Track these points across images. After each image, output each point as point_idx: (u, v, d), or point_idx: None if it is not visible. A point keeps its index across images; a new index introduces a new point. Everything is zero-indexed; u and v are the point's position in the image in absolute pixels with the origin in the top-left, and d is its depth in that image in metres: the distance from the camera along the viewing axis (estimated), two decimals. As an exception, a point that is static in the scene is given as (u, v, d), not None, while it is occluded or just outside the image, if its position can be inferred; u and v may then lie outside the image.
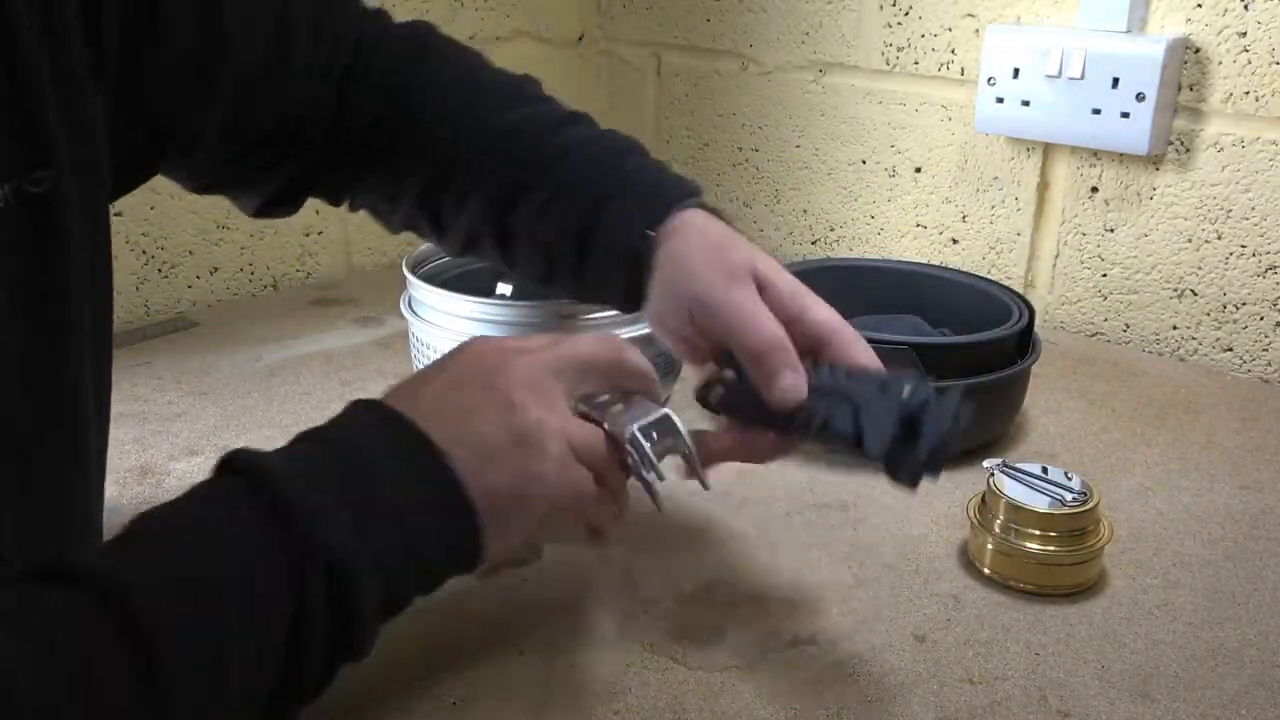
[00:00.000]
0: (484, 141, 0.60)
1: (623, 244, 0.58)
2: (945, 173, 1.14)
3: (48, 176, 0.43)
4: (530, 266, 0.62)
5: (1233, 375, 0.99)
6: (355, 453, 0.43)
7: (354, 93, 0.60)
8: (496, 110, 0.61)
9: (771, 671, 0.58)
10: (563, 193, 0.59)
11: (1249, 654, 0.60)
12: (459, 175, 0.60)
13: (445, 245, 0.65)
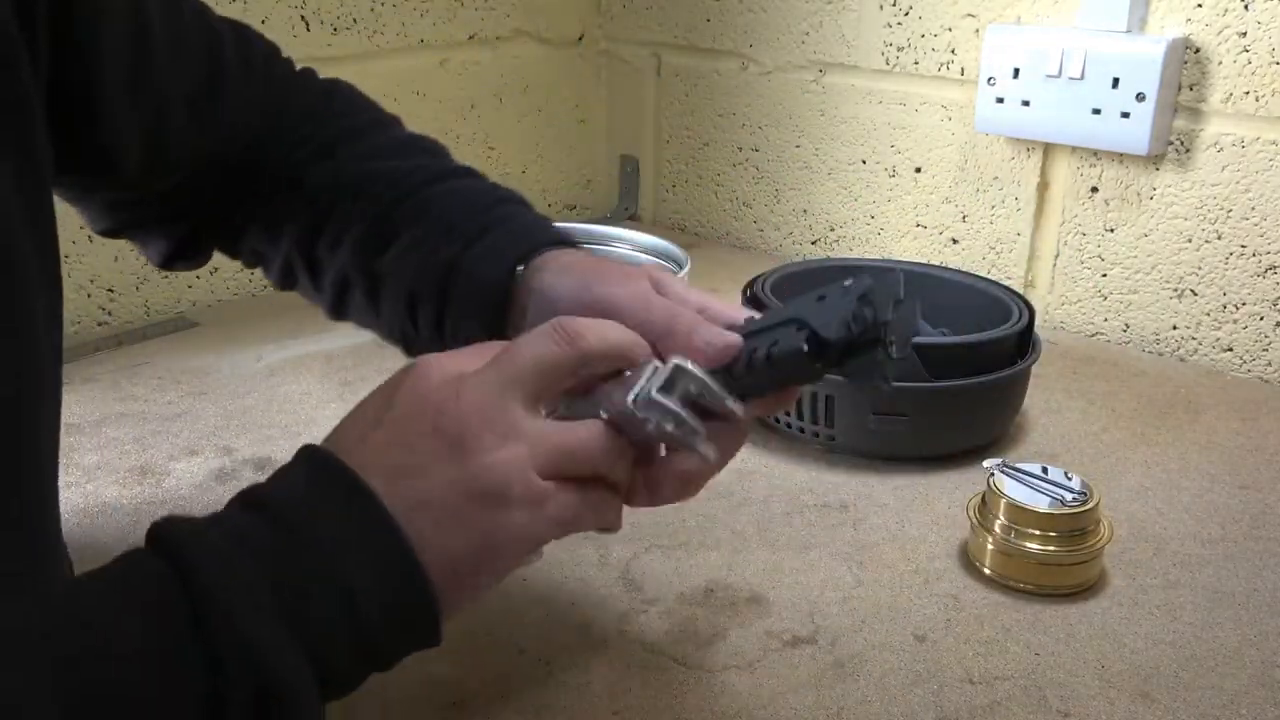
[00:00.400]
0: (361, 186, 0.59)
1: (486, 282, 0.55)
2: (945, 173, 1.14)
3: None
4: (394, 315, 0.58)
5: (1233, 375, 0.99)
6: (296, 528, 0.38)
7: (266, 144, 0.60)
8: (378, 157, 0.60)
9: (771, 671, 0.58)
10: (429, 236, 0.57)
11: (1249, 654, 0.60)
12: (335, 220, 0.58)
13: (321, 298, 0.62)
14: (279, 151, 0.60)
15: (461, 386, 0.41)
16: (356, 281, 0.59)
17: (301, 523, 0.38)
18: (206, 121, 0.57)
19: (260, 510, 0.39)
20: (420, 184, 0.58)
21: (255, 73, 0.60)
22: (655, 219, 1.44)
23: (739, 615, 0.63)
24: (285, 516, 0.38)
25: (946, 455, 0.80)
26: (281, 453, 0.81)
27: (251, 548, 0.37)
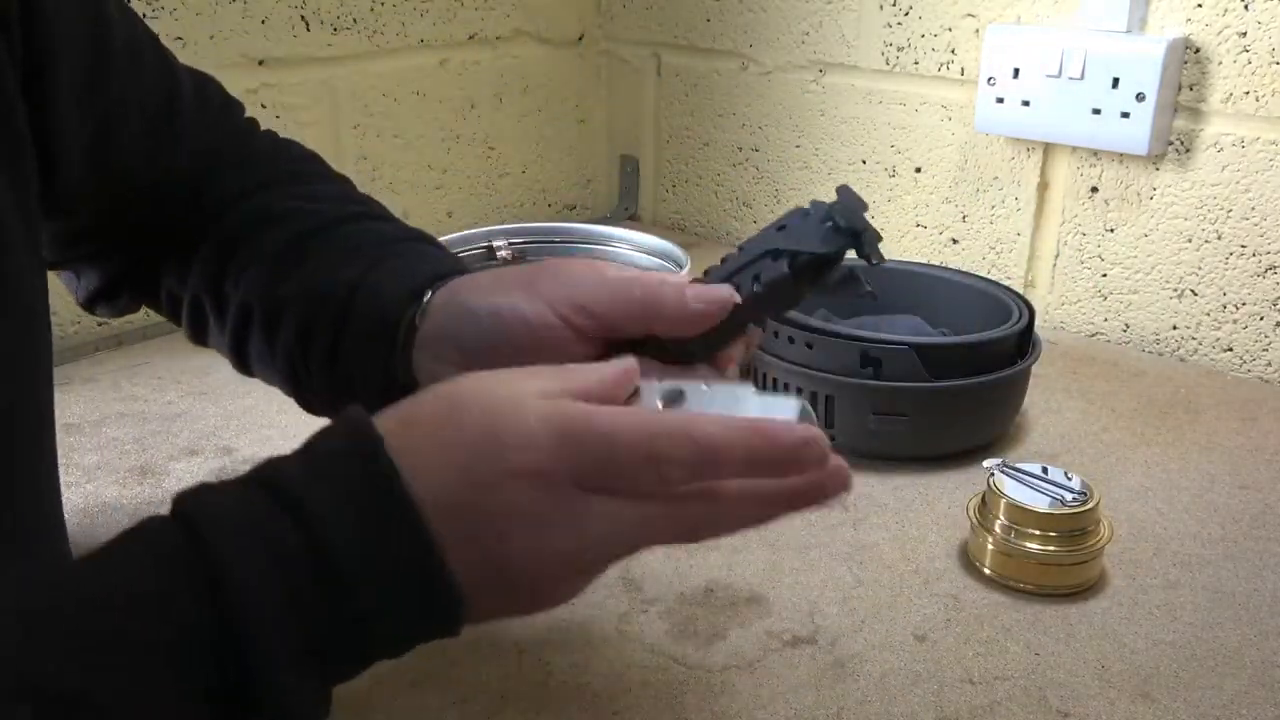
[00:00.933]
0: (274, 220, 0.57)
1: (387, 302, 0.51)
2: (945, 173, 1.14)
3: None
4: (285, 350, 0.55)
5: (1233, 375, 0.99)
6: (348, 583, 0.36)
7: (203, 183, 0.59)
8: (298, 198, 0.58)
9: (771, 671, 0.58)
10: (333, 262, 0.54)
11: (1249, 654, 0.60)
12: (244, 253, 0.57)
13: (223, 335, 0.59)
14: (209, 193, 0.59)
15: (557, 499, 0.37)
16: (256, 312, 0.55)
17: (356, 581, 0.36)
18: (156, 148, 0.56)
19: (313, 545, 0.36)
20: (333, 221, 0.56)
21: (210, 112, 0.60)
22: (655, 219, 1.44)
23: (739, 615, 0.63)
24: (338, 565, 0.36)
25: (946, 455, 0.80)
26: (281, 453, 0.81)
27: (296, 596, 0.35)
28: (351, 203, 0.60)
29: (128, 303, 0.63)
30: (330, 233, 0.56)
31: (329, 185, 0.61)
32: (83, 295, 0.62)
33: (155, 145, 0.56)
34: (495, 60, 1.30)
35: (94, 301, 0.62)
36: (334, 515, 0.37)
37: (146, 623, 0.34)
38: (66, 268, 0.62)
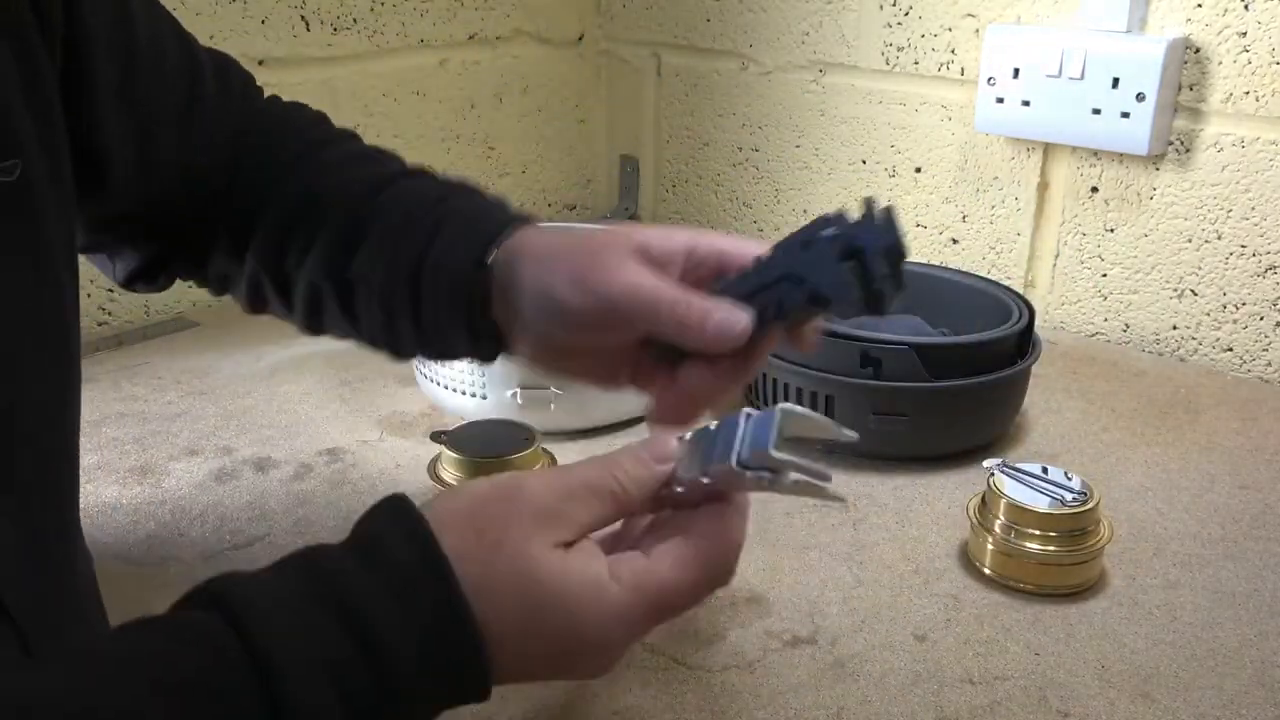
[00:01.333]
0: (320, 199, 0.58)
1: (456, 275, 0.53)
2: (945, 173, 1.14)
3: (15, 165, 0.43)
4: (372, 322, 0.57)
5: (1233, 375, 0.99)
6: (401, 688, 0.37)
7: (237, 164, 0.60)
8: (334, 170, 0.59)
9: (771, 671, 0.58)
10: (389, 237, 0.55)
11: (1249, 654, 0.60)
12: (299, 234, 0.58)
13: (293, 315, 0.61)
14: (245, 173, 0.60)
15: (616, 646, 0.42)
16: (328, 293, 0.57)
17: (411, 689, 0.38)
18: (186, 136, 0.57)
19: (373, 668, 0.37)
20: (374, 190, 0.57)
21: (232, 95, 0.60)
22: (655, 219, 1.44)
23: (739, 615, 0.63)
24: (393, 685, 0.37)
25: (946, 455, 0.80)
26: (281, 453, 0.81)
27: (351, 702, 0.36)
28: (379, 163, 0.61)
29: (167, 281, 0.64)
30: (375, 206, 0.57)
31: (349, 146, 0.62)
32: (121, 275, 0.63)
33: (184, 134, 0.57)
34: (495, 60, 1.30)
35: (133, 281, 0.63)
36: (399, 635, 0.38)
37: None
38: (100, 251, 0.62)
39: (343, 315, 0.58)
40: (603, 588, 0.40)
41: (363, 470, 0.79)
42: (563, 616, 0.40)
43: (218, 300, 1.13)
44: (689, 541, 0.43)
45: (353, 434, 0.84)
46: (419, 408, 0.89)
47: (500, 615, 0.39)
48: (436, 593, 0.38)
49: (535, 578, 0.39)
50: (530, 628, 0.39)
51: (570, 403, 0.82)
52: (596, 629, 0.40)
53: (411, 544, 0.39)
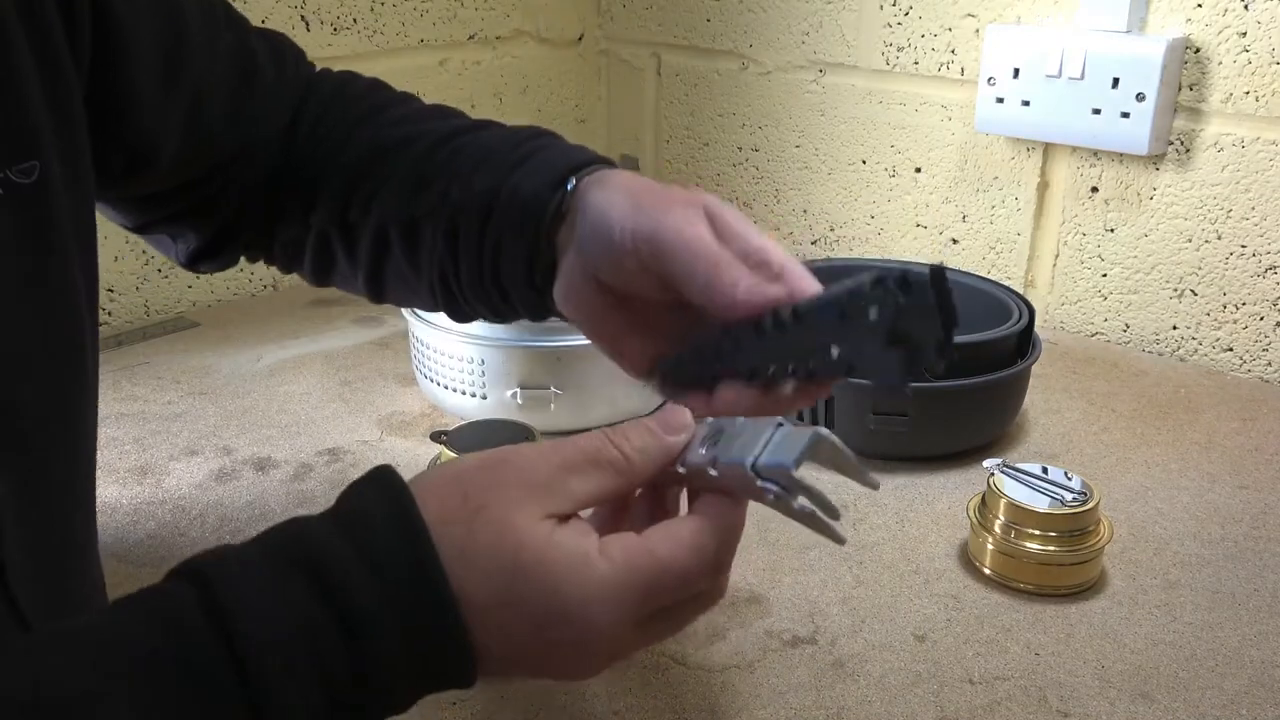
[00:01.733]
0: (392, 148, 0.57)
1: (531, 197, 0.51)
2: (945, 173, 1.14)
3: (34, 167, 0.43)
4: (432, 267, 0.56)
5: (1233, 375, 0.99)
6: (382, 681, 0.36)
7: (295, 132, 0.60)
8: (404, 122, 0.59)
9: (771, 671, 0.58)
10: (466, 172, 0.54)
11: (1249, 654, 0.60)
12: (369, 182, 0.57)
13: (358, 270, 0.60)
14: (308, 140, 0.60)
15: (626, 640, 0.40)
16: (394, 234, 0.56)
17: (387, 657, 0.36)
18: (241, 113, 0.57)
19: (345, 632, 0.36)
20: (452, 134, 0.57)
21: (286, 69, 0.60)
22: (655, 219, 1.44)
23: (739, 615, 0.63)
24: (366, 649, 0.36)
25: (946, 455, 0.80)
26: (281, 453, 0.81)
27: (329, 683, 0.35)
28: (453, 116, 0.60)
29: (230, 259, 0.64)
30: (452, 148, 0.56)
31: (413, 105, 0.62)
32: (184, 256, 0.62)
33: (238, 112, 0.57)
34: (495, 60, 1.30)
35: (197, 260, 0.62)
36: (380, 625, 0.36)
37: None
38: (158, 231, 0.62)
39: (406, 261, 0.57)
40: (589, 561, 0.38)
41: (363, 470, 0.78)
42: (545, 585, 0.37)
43: (218, 300, 1.13)
44: (687, 523, 0.40)
45: (353, 434, 0.84)
46: (419, 408, 0.89)
47: (479, 583, 0.37)
48: (410, 555, 0.36)
49: (517, 544, 0.37)
50: (510, 595, 0.37)
51: (570, 403, 0.82)
52: (580, 603, 0.37)
53: (390, 509, 0.38)
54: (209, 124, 0.56)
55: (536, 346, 0.80)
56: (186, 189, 0.58)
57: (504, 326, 0.80)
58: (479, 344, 0.81)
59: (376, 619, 0.35)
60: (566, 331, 0.79)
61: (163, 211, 0.60)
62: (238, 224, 0.61)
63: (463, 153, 0.56)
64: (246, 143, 0.58)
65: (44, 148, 0.44)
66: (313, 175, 0.59)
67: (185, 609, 0.35)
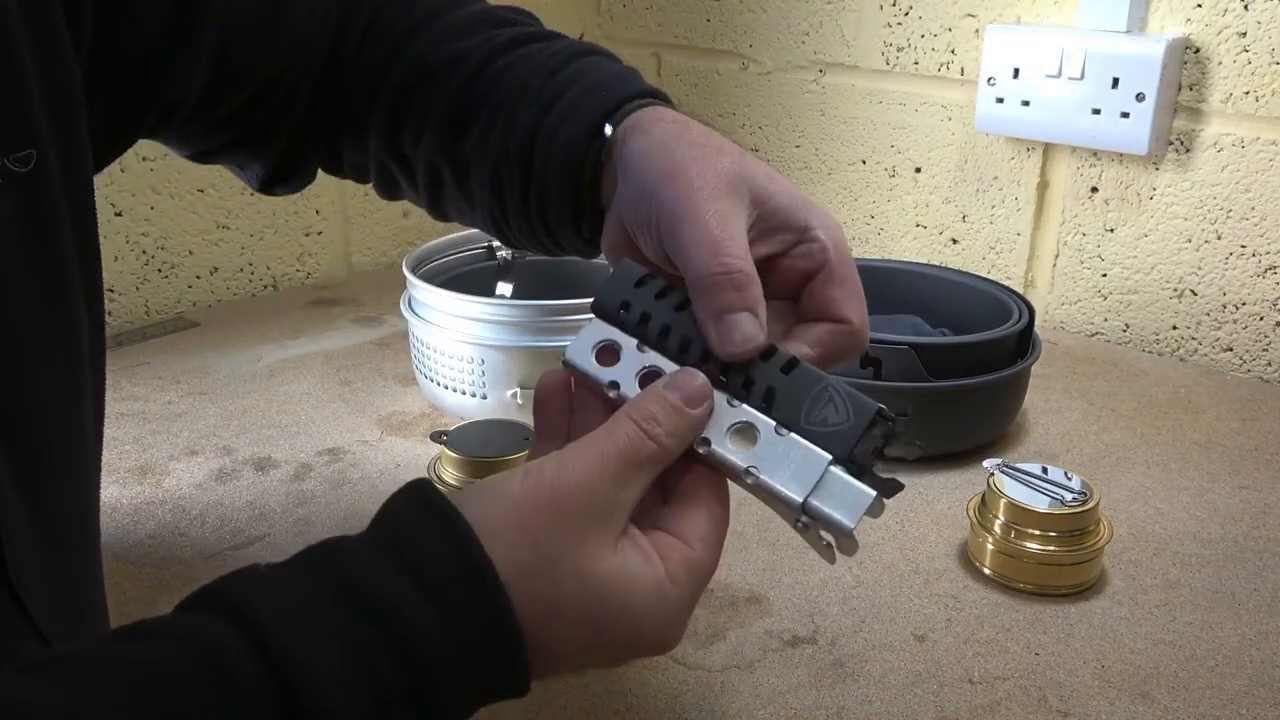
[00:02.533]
0: (432, 74, 0.55)
1: (569, 147, 0.49)
2: (945, 173, 1.14)
3: (31, 155, 0.43)
4: (483, 203, 0.54)
5: (1233, 375, 0.99)
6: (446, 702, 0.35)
7: (344, 43, 0.57)
8: (449, 39, 0.56)
9: (771, 671, 0.58)
10: (505, 108, 0.52)
11: (1249, 654, 0.60)
12: (415, 113, 0.55)
13: (418, 194, 0.59)
14: (357, 52, 0.57)
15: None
16: (445, 171, 0.55)
17: (453, 699, 0.35)
18: (273, 38, 0.55)
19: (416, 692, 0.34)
20: (490, 57, 0.54)
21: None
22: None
23: (739, 615, 0.63)
24: (435, 698, 0.34)
25: (946, 455, 0.80)
26: (281, 453, 0.81)
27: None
28: (496, 25, 0.57)
29: (304, 181, 0.62)
30: (490, 74, 0.54)
31: (468, 9, 0.59)
32: (256, 182, 0.61)
33: (270, 38, 0.54)
34: (495, 60, 1.30)
35: (270, 185, 0.61)
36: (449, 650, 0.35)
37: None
38: (217, 160, 0.60)
39: (460, 195, 0.56)
40: (663, 591, 0.38)
41: (363, 470, 0.79)
42: (627, 625, 0.38)
43: (218, 300, 1.14)
44: (712, 522, 0.41)
45: (353, 434, 0.84)
46: (419, 408, 0.89)
47: (565, 635, 0.37)
48: (490, 617, 0.35)
49: (601, 596, 0.37)
50: (594, 641, 0.38)
51: (570, 403, 0.82)
52: (656, 628, 0.39)
53: (458, 557, 0.35)
54: (236, 57, 0.53)
55: (536, 346, 0.80)
56: (234, 119, 0.56)
57: (504, 327, 0.80)
58: (479, 344, 0.81)
59: (453, 688, 0.34)
60: (567, 331, 0.79)
61: (214, 142, 0.58)
62: (299, 147, 0.59)
63: (502, 81, 0.53)
64: (285, 66, 0.56)
65: (41, 135, 0.44)
66: (364, 97, 0.57)
67: (233, 650, 0.32)
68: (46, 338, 0.45)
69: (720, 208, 0.42)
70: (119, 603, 0.60)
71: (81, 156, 0.47)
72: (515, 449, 0.71)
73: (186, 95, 0.53)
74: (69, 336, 0.47)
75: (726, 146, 0.45)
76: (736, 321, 0.41)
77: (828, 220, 0.44)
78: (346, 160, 0.61)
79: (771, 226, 0.44)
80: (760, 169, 0.44)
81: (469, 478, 0.70)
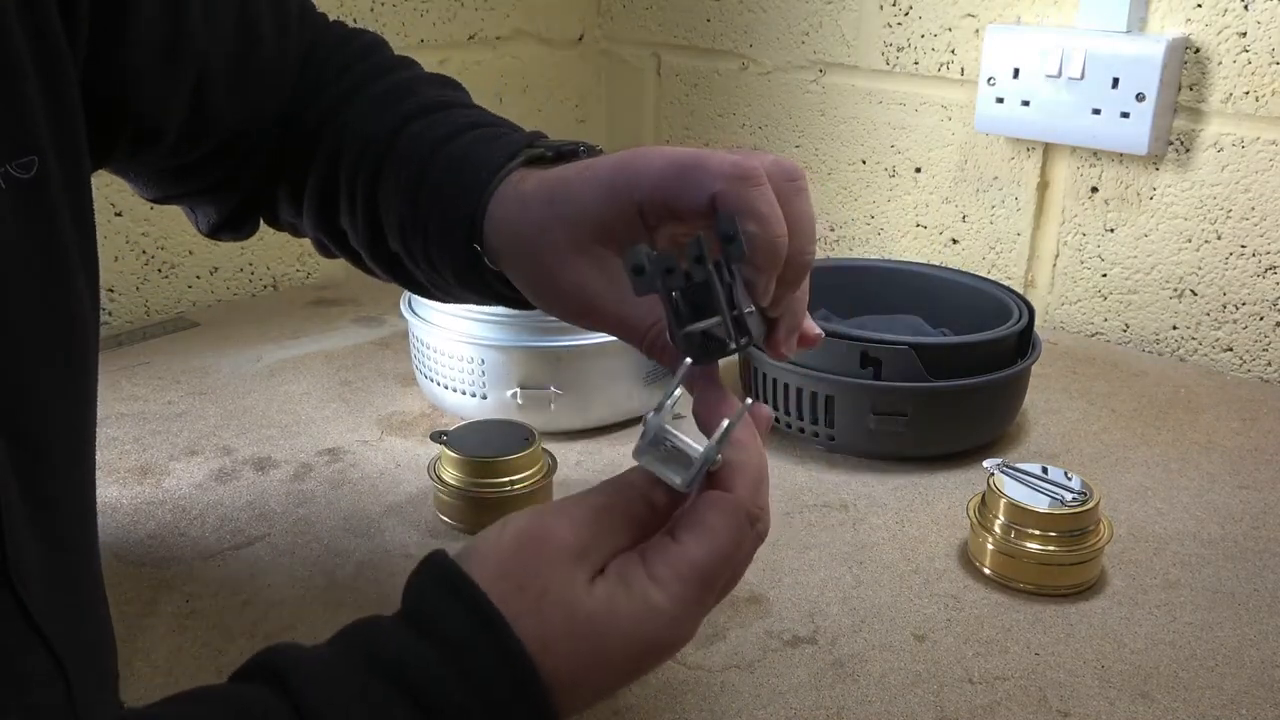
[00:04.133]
0: (348, 146, 0.56)
1: (447, 237, 0.51)
2: (945, 173, 1.14)
3: (32, 161, 0.43)
4: (406, 267, 0.56)
5: (1233, 375, 0.99)
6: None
7: (299, 102, 0.59)
8: (369, 114, 0.57)
9: (771, 671, 0.58)
10: (399, 186, 0.53)
11: (1249, 654, 0.60)
12: (342, 184, 0.56)
13: (360, 262, 0.60)
14: (305, 112, 0.59)
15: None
16: (370, 249, 0.57)
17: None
18: (245, 85, 0.56)
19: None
20: (391, 135, 0.55)
21: (289, 31, 0.59)
22: (655, 219, 1.44)
23: (739, 615, 0.63)
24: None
25: (946, 455, 0.80)
26: (281, 453, 0.81)
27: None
28: (404, 98, 0.57)
29: (252, 230, 0.63)
30: (394, 152, 0.55)
31: (394, 78, 0.59)
32: (204, 226, 0.62)
33: (241, 91, 0.56)
34: (495, 60, 1.30)
35: (217, 232, 0.62)
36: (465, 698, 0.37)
37: None
38: (177, 204, 0.62)
39: (386, 266, 0.58)
40: (650, 601, 0.40)
41: (363, 470, 0.79)
42: (625, 644, 0.39)
43: (218, 300, 1.14)
44: (709, 512, 0.42)
45: (353, 434, 0.84)
46: (419, 408, 0.89)
47: (563, 666, 0.38)
48: (510, 674, 0.37)
49: (589, 622, 0.39)
50: (595, 662, 0.39)
51: (570, 403, 0.82)
52: (661, 634, 0.41)
53: (474, 623, 0.37)
54: (211, 97, 0.55)
55: (536, 346, 0.80)
56: (202, 165, 0.58)
57: (504, 327, 0.80)
58: (479, 344, 0.81)
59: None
60: (567, 331, 0.79)
61: (183, 187, 0.59)
62: (255, 200, 0.61)
63: (396, 165, 0.54)
64: (251, 118, 0.57)
65: (43, 142, 0.44)
66: (299, 162, 0.58)
67: (273, 710, 0.34)
68: (48, 339, 0.46)
69: (570, 278, 0.46)
70: (119, 603, 0.60)
71: (81, 161, 0.47)
72: (515, 449, 0.71)
73: (166, 128, 0.53)
74: (70, 337, 0.47)
75: (550, 222, 0.47)
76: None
77: (722, 165, 0.43)
78: (283, 221, 0.62)
79: (668, 212, 0.44)
80: (614, 161, 0.46)
81: (469, 478, 0.70)
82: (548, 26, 1.35)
